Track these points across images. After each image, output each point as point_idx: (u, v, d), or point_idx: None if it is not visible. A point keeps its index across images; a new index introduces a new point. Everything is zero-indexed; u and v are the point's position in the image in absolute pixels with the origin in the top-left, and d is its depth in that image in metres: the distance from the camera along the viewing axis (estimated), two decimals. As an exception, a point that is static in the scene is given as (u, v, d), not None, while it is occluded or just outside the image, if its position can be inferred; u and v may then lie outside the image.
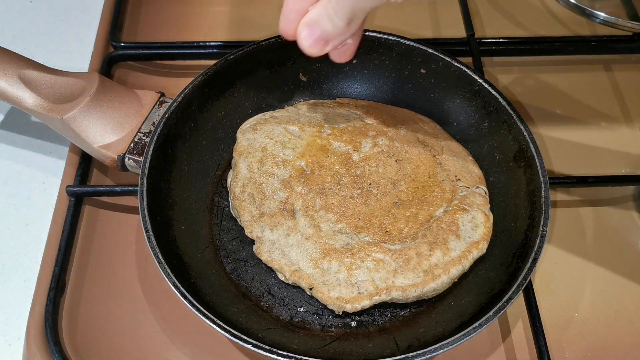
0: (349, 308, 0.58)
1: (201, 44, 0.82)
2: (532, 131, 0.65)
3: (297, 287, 0.62)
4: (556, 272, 0.67)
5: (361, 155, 0.68)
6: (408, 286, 0.59)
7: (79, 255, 0.66)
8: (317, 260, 0.60)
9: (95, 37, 0.84)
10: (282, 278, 0.62)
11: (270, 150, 0.67)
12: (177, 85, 0.74)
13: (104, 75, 0.78)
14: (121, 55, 0.82)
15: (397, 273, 0.59)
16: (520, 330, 0.62)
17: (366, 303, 0.59)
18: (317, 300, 0.60)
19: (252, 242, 0.64)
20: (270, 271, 0.63)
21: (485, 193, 0.67)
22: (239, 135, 0.70)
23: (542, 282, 0.66)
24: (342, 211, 0.64)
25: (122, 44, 0.82)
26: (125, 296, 0.64)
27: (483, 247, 0.62)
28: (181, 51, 0.82)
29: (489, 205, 0.66)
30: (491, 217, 0.65)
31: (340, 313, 0.60)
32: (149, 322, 0.62)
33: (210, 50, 0.81)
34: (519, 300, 0.62)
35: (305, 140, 0.68)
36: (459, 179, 0.67)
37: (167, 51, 0.82)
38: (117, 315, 0.63)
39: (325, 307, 0.60)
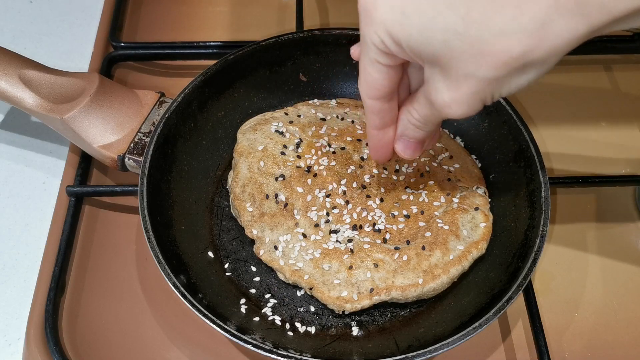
0: (348, 308, 0.58)
1: (201, 44, 0.82)
2: (532, 131, 0.66)
3: (297, 287, 0.62)
4: (556, 272, 0.67)
5: (361, 156, 0.67)
6: (408, 286, 0.59)
7: (79, 255, 0.66)
8: (317, 260, 0.60)
9: (95, 37, 0.84)
10: (282, 278, 0.62)
11: (270, 150, 0.67)
12: (177, 85, 0.74)
13: (104, 75, 0.78)
14: (121, 55, 0.82)
15: (397, 273, 0.59)
16: (520, 330, 0.62)
17: (366, 303, 0.59)
18: (317, 300, 0.60)
19: (252, 242, 0.64)
20: (270, 271, 0.63)
21: (485, 193, 0.67)
22: (239, 135, 0.70)
23: (542, 282, 0.66)
24: (342, 211, 0.64)
25: (122, 44, 0.82)
26: (125, 296, 0.64)
27: (483, 247, 0.62)
28: (181, 51, 0.82)
29: (489, 205, 0.66)
30: (491, 217, 0.65)
31: (340, 313, 0.60)
32: (149, 322, 0.62)
33: (210, 50, 0.81)
34: (519, 300, 0.62)
35: (306, 141, 0.68)
36: (458, 179, 0.67)
37: (167, 51, 0.82)
38: (117, 315, 0.63)
39: (325, 307, 0.60)
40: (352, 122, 0.71)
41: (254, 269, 0.64)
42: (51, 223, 0.68)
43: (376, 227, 0.63)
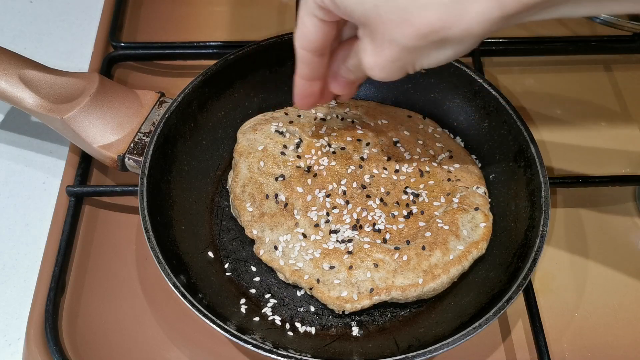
0: (348, 308, 0.58)
1: (201, 44, 0.82)
2: (532, 131, 0.65)
3: (297, 287, 0.62)
4: (556, 272, 0.67)
5: (361, 156, 0.68)
6: (408, 286, 0.59)
7: (79, 255, 0.66)
8: (317, 260, 0.60)
9: (95, 37, 0.84)
10: (282, 278, 0.62)
11: (270, 150, 0.67)
12: (177, 85, 0.74)
13: (103, 75, 0.78)
14: (121, 55, 0.82)
15: (397, 273, 0.59)
16: (520, 330, 0.62)
17: (366, 303, 0.59)
18: (317, 300, 0.60)
19: (252, 242, 0.64)
20: (270, 271, 0.63)
21: (485, 193, 0.67)
22: (239, 135, 0.70)
23: (542, 282, 0.66)
24: (342, 211, 0.64)
25: (122, 44, 0.82)
26: (125, 296, 0.64)
27: (483, 247, 0.62)
28: (181, 51, 0.82)
29: (489, 205, 0.66)
30: (491, 217, 0.65)
31: (341, 313, 0.60)
32: (149, 321, 0.62)
33: (210, 50, 0.81)
34: (519, 300, 0.62)
35: (306, 141, 0.68)
36: (458, 179, 0.67)
37: (167, 51, 0.82)
38: (117, 315, 0.63)
39: (325, 307, 0.60)
40: (352, 122, 0.71)
41: (254, 269, 0.64)
42: (51, 223, 0.68)
43: (376, 227, 0.63)
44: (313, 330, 0.60)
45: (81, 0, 0.93)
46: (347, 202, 0.64)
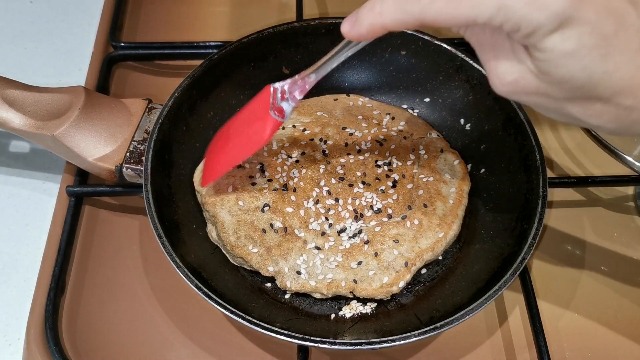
0: (395, 290, 0.60)
1: (201, 44, 0.82)
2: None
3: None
4: (556, 272, 0.67)
5: (322, 153, 0.68)
6: (433, 244, 0.62)
7: (79, 256, 0.66)
8: (343, 263, 0.61)
9: (95, 37, 0.84)
10: (319, 296, 0.61)
11: (240, 187, 0.64)
12: (177, 86, 0.74)
13: (103, 75, 0.78)
14: (121, 55, 0.82)
15: (418, 238, 0.62)
16: (521, 330, 0.62)
17: (408, 277, 0.60)
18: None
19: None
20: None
21: (438, 135, 0.70)
22: (199, 187, 0.66)
23: (542, 282, 0.66)
24: (337, 210, 0.64)
25: (122, 44, 0.82)
26: (125, 296, 0.64)
27: (469, 180, 0.67)
28: (181, 51, 0.82)
29: (448, 143, 0.70)
30: (456, 152, 0.69)
31: (388, 298, 0.60)
32: (149, 321, 0.62)
33: (210, 50, 0.81)
34: (520, 300, 0.62)
35: (267, 162, 0.66)
36: (412, 134, 0.70)
37: (167, 51, 0.82)
38: (117, 316, 0.63)
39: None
40: (294, 126, 0.70)
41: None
42: (51, 223, 0.68)
43: (375, 209, 0.64)
44: (332, 315, 0.60)
45: (81, 0, 0.93)
46: (337, 199, 0.64)
